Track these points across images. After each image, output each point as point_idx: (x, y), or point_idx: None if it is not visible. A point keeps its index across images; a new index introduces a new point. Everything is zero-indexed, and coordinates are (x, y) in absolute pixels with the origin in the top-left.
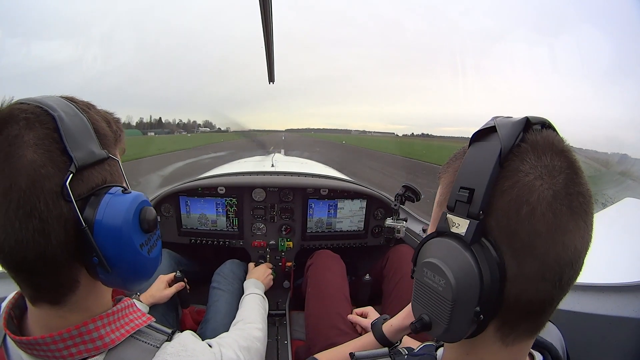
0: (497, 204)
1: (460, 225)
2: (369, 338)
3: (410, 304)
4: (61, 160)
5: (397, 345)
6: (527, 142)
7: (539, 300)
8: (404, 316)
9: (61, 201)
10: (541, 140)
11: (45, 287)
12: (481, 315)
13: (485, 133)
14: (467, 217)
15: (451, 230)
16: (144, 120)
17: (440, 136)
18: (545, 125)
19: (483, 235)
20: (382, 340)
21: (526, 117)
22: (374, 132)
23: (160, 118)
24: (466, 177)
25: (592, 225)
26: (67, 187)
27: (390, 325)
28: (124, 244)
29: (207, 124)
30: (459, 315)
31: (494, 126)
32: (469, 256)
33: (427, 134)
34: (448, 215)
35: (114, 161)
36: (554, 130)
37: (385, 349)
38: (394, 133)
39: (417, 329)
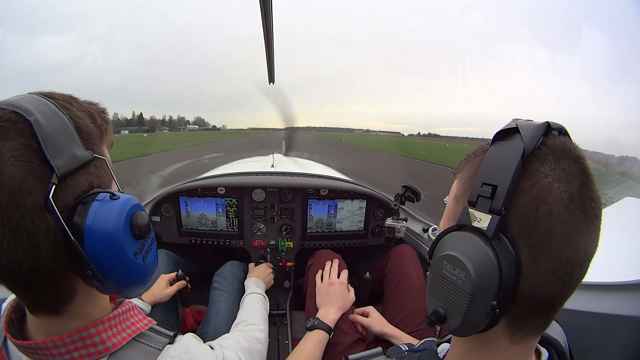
0: (517, 202)
1: (482, 220)
2: (319, 334)
3: (313, 299)
4: (42, 170)
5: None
6: (547, 146)
7: (549, 297)
8: (334, 310)
9: (47, 215)
10: (560, 146)
11: (42, 299)
12: (497, 310)
13: (507, 133)
14: (490, 212)
15: (473, 224)
16: (120, 117)
17: (447, 136)
18: (562, 132)
19: (502, 231)
20: (328, 329)
21: (547, 121)
22: (379, 131)
23: (141, 114)
24: (489, 174)
25: (600, 230)
26: (50, 201)
27: (325, 318)
28: (116, 254)
29: (199, 121)
30: (475, 309)
31: (516, 127)
32: (490, 251)
33: (435, 134)
34: (470, 210)
35: (100, 161)
36: (570, 137)
37: (379, 348)
38: (399, 132)
39: (432, 322)
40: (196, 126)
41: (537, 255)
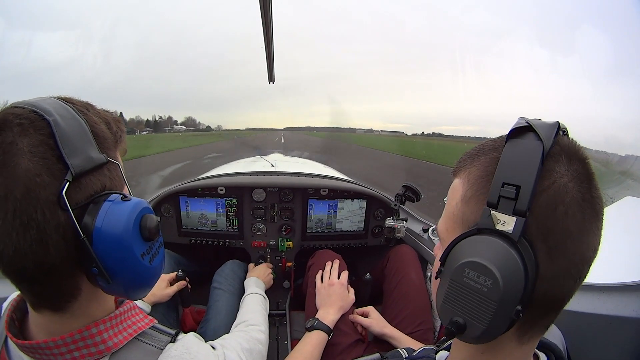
0: (536, 203)
1: (507, 222)
2: (319, 334)
3: (313, 300)
4: (57, 167)
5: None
6: (560, 146)
7: (561, 296)
8: (334, 310)
9: (58, 210)
10: (570, 146)
11: (46, 294)
12: (521, 314)
13: (521, 132)
14: (514, 214)
15: (496, 227)
16: None
17: (454, 135)
18: (565, 132)
19: (523, 233)
20: (328, 330)
21: (557, 121)
22: (382, 131)
23: (120, 114)
24: (509, 173)
25: (602, 227)
26: (63, 197)
27: (324, 318)
28: (124, 254)
29: (189, 121)
30: (500, 315)
31: (530, 125)
32: (516, 254)
33: (439, 133)
34: (492, 212)
35: (114, 165)
36: (572, 138)
37: (377, 355)
38: (403, 132)
39: (452, 333)
40: (183, 127)
41: (554, 256)
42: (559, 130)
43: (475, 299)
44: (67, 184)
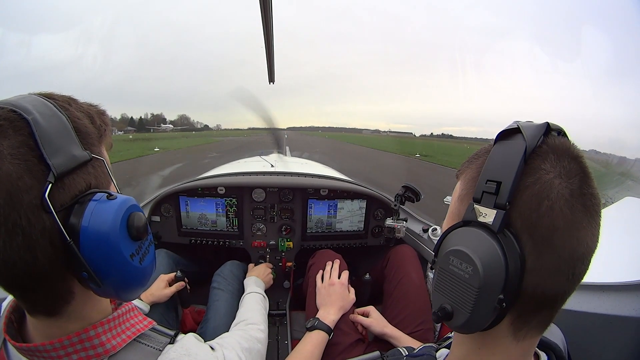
0: (520, 198)
1: (488, 215)
2: (319, 334)
3: (313, 300)
4: (39, 169)
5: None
6: (548, 145)
7: (552, 292)
8: (335, 310)
9: (43, 214)
10: (560, 145)
11: (39, 300)
12: (504, 304)
13: (509, 133)
14: (495, 207)
15: (478, 219)
16: None
17: (464, 137)
18: (561, 133)
19: (507, 226)
20: (328, 330)
21: (547, 122)
22: (389, 131)
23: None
24: (493, 171)
25: (600, 226)
26: (46, 200)
27: (325, 318)
28: (112, 256)
29: (182, 120)
30: (483, 303)
31: (518, 127)
32: (496, 244)
33: (449, 135)
34: (475, 206)
35: (98, 162)
36: (568, 138)
37: (377, 352)
38: (411, 133)
39: (439, 318)
40: (171, 126)
41: (540, 250)
42: (548, 130)
43: (459, 286)
44: (50, 185)
